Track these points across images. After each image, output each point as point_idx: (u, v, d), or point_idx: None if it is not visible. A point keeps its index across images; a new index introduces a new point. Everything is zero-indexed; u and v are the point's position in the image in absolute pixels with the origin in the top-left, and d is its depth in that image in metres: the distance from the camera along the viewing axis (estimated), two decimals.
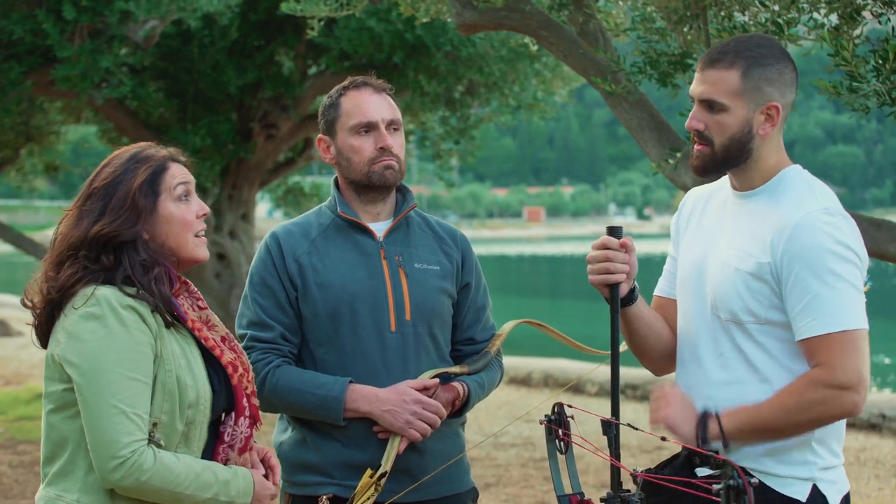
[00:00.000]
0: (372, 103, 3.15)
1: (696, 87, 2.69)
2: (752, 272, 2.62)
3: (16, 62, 7.87)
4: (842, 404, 2.55)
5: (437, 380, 3.08)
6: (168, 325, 2.56)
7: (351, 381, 3.04)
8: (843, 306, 2.55)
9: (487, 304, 3.31)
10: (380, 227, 3.17)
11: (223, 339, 2.70)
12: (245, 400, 2.67)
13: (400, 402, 3.00)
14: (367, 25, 8.38)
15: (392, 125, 3.16)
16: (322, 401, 3.02)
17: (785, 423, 2.57)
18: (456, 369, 3.14)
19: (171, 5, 7.72)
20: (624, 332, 2.88)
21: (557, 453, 2.72)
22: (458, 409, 3.14)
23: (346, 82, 3.21)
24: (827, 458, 2.66)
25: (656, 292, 2.97)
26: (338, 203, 3.17)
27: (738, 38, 2.77)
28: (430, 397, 3.05)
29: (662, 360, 2.94)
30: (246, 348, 3.10)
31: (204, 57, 9.23)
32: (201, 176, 9.67)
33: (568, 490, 2.68)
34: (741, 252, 2.65)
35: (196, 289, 2.75)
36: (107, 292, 2.51)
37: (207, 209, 2.70)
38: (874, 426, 8.98)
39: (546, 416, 2.71)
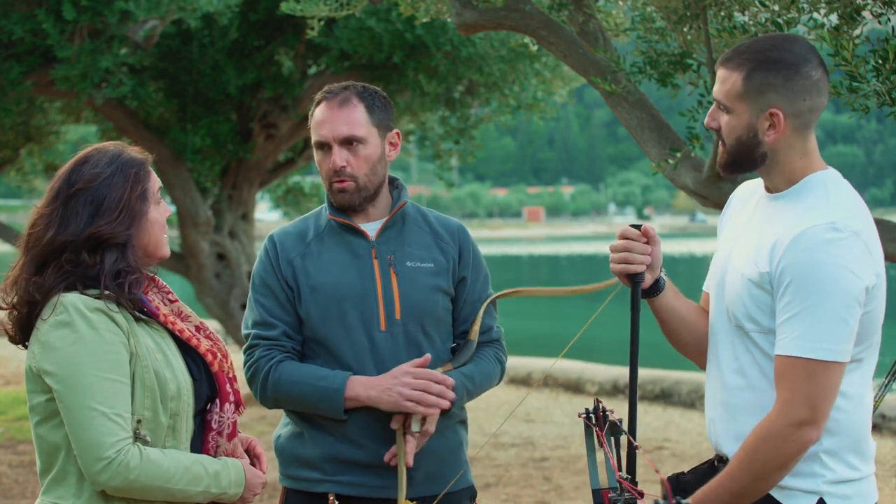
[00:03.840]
0: (328, 120, 3.11)
1: (714, 85, 2.65)
2: (755, 281, 2.54)
3: (16, 62, 7.86)
4: (796, 441, 2.45)
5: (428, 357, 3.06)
6: (137, 321, 2.57)
7: (351, 375, 3.05)
8: (820, 333, 2.42)
9: (488, 296, 3.26)
10: (373, 227, 3.17)
11: (198, 329, 2.72)
12: (228, 385, 2.68)
13: (390, 378, 3.01)
14: (367, 25, 8.37)
15: (349, 140, 3.09)
16: (323, 392, 3.03)
17: (750, 479, 2.48)
18: (440, 370, 3.11)
19: (171, 5, 7.71)
20: (658, 323, 2.85)
21: (596, 447, 2.63)
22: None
23: (321, 92, 3.18)
24: (840, 471, 2.55)
25: (704, 287, 2.86)
26: (328, 206, 3.19)
27: (760, 37, 2.67)
28: None
29: (701, 354, 2.83)
30: (250, 347, 3.13)
31: (204, 57, 9.23)
32: (201, 176, 9.66)
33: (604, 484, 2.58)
34: (748, 258, 2.57)
35: (165, 283, 2.76)
36: (72, 298, 2.51)
37: (170, 209, 2.74)
38: (874, 426, 8.93)
39: (585, 409, 2.64)
